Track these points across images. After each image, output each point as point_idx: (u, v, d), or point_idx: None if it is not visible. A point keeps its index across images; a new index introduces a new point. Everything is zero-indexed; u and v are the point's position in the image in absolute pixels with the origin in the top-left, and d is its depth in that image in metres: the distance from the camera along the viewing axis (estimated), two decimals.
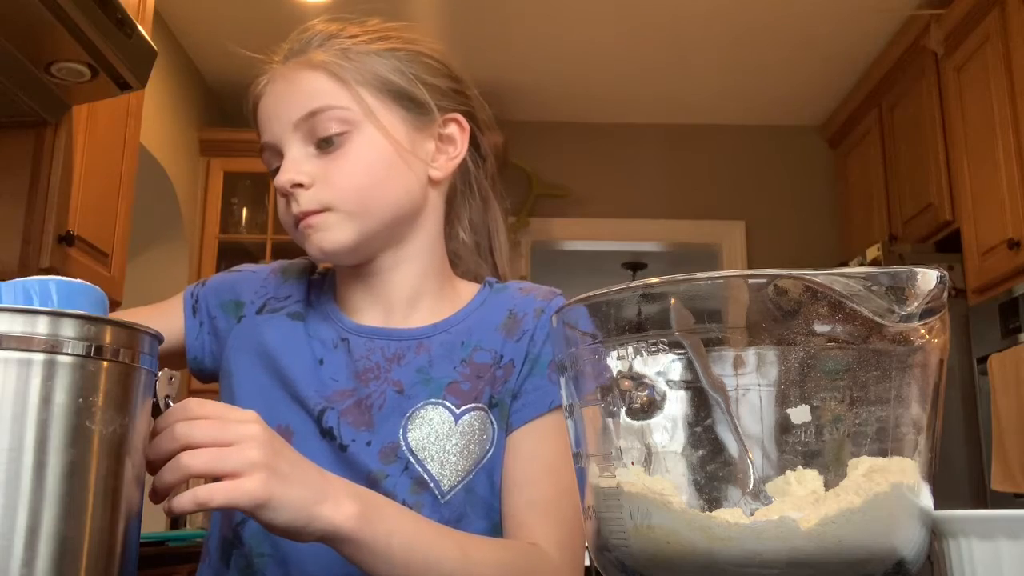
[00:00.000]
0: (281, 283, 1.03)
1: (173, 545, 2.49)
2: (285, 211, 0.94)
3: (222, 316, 1.01)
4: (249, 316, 1.00)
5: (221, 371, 1.00)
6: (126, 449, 0.60)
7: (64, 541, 0.56)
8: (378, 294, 0.99)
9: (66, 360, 0.57)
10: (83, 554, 0.57)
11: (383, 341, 0.96)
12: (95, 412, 0.58)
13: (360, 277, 0.99)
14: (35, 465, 0.56)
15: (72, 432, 0.57)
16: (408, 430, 0.92)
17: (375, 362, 0.95)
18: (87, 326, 0.58)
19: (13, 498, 0.55)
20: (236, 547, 0.92)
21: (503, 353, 0.95)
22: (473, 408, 0.93)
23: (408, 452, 0.91)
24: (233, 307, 1.02)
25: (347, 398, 0.93)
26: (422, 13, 3.38)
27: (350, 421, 0.92)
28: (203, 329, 1.01)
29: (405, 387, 0.94)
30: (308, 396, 0.93)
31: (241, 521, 0.92)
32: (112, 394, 0.59)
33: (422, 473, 0.90)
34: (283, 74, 0.95)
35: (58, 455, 0.56)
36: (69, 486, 0.56)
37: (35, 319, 0.57)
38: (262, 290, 1.02)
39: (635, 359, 0.54)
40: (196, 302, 1.02)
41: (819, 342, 0.51)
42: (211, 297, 1.03)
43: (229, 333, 1.00)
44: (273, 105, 0.94)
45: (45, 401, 0.56)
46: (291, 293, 1.01)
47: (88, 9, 1.89)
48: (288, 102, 0.93)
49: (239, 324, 1.00)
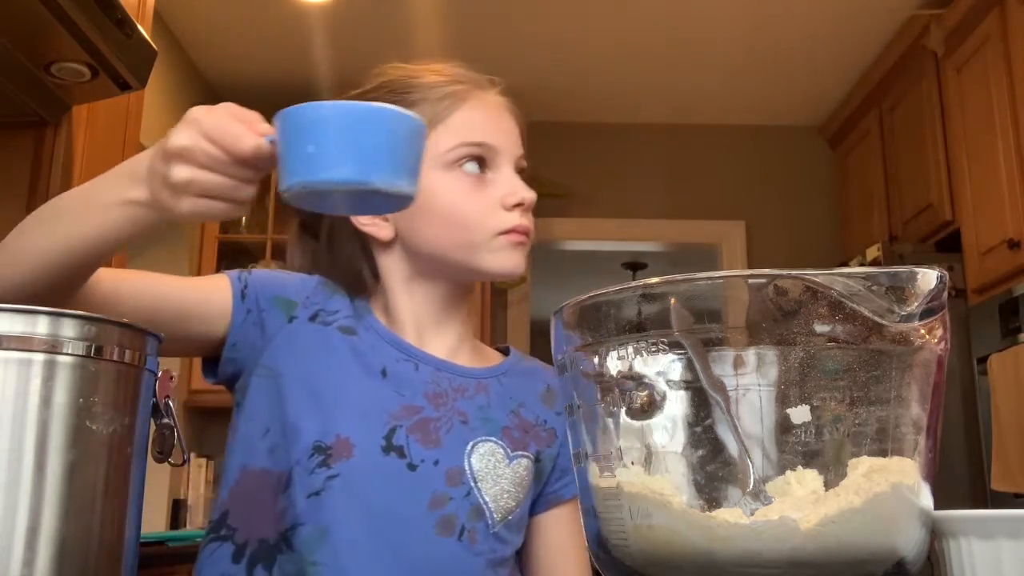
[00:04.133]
0: (329, 296, 1.01)
1: (173, 545, 2.49)
2: (506, 219, 0.97)
3: (272, 311, 0.97)
4: (302, 320, 0.98)
5: (259, 367, 0.96)
6: (126, 449, 0.60)
7: (64, 541, 0.56)
8: (447, 328, 1.03)
9: (66, 360, 0.57)
10: (83, 554, 0.57)
11: (448, 373, 1.00)
12: (95, 412, 0.58)
13: (443, 306, 1.02)
14: (35, 465, 0.55)
15: (72, 432, 0.57)
16: (472, 458, 0.96)
17: (444, 389, 0.98)
18: (87, 326, 0.58)
19: (13, 498, 0.55)
20: (282, 552, 0.91)
21: (546, 419, 1.04)
22: (523, 455, 0.99)
23: (471, 479, 0.95)
24: (285, 305, 0.98)
25: (413, 415, 0.95)
26: (422, 13, 3.38)
27: (418, 439, 0.94)
28: (249, 318, 0.96)
29: (469, 419, 0.98)
30: (371, 411, 0.94)
31: (292, 527, 0.90)
32: (112, 394, 0.59)
33: (480, 502, 0.95)
34: (507, 106, 1.05)
35: (58, 455, 0.56)
36: (69, 486, 0.56)
37: (35, 319, 0.57)
38: (312, 299, 1.00)
39: (635, 359, 0.54)
40: (245, 288, 0.97)
41: (819, 342, 0.51)
42: (261, 288, 0.98)
43: (278, 331, 0.96)
44: (507, 123, 1.03)
45: (45, 401, 0.56)
46: (340, 308, 1.00)
47: (88, 9, 1.89)
48: (515, 132, 1.04)
49: (290, 324, 0.97)
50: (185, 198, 0.72)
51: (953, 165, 3.11)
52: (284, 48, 3.65)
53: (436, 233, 0.98)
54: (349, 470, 0.90)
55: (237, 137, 0.71)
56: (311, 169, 0.66)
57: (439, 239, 0.98)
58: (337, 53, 3.68)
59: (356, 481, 0.90)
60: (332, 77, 3.84)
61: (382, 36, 3.58)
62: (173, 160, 0.71)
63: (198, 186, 0.71)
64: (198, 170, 0.71)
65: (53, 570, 0.55)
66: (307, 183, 0.66)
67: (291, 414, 0.93)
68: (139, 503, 0.63)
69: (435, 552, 0.92)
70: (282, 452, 0.93)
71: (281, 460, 0.92)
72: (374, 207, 0.75)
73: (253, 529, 0.93)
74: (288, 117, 0.68)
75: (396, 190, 0.68)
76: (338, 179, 0.66)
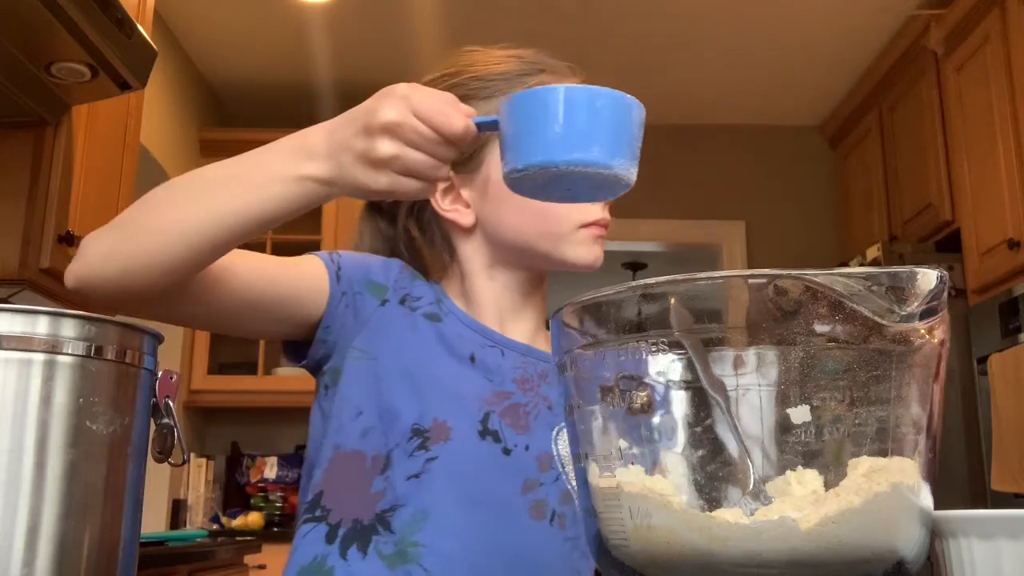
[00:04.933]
0: (412, 281, 1.00)
1: (173, 545, 2.49)
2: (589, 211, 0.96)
3: (367, 295, 0.96)
4: (393, 304, 0.97)
5: (352, 350, 0.95)
6: (126, 449, 0.60)
7: (64, 541, 0.56)
8: (526, 314, 1.02)
9: (66, 360, 0.57)
10: (83, 554, 0.57)
11: (532, 359, 0.99)
12: (95, 412, 0.58)
13: (523, 292, 1.02)
14: (35, 465, 0.56)
15: (72, 432, 0.57)
16: (558, 443, 0.96)
17: (530, 375, 0.98)
18: (87, 326, 0.58)
19: (13, 498, 0.55)
20: (378, 533, 0.91)
21: None
22: None
23: (560, 464, 0.95)
24: (377, 289, 0.97)
25: (504, 400, 0.96)
26: (420, 13, 3.38)
27: (509, 423, 0.94)
28: (343, 300, 0.94)
29: (553, 405, 0.97)
30: (465, 395, 0.94)
31: (390, 508, 0.91)
32: (112, 394, 0.59)
33: (569, 487, 0.94)
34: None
35: (58, 455, 0.56)
36: (69, 486, 0.56)
37: (35, 319, 0.57)
38: (399, 283, 0.99)
39: (635, 359, 0.54)
40: (339, 270, 0.95)
41: (819, 342, 0.51)
42: (353, 271, 0.96)
43: (372, 315, 0.95)
44: None
45: (45, 401, 0.56)
46: (423, 294, 1.00)
47: (88, 9, 1.89)
48: None
49: (383, 308, 0.96)
50: (384, 174, 0.72)
51: (953, 165, 3.11)
52: (284, 48, 3.65)
53: (520, 221, 0.97)
54: (447, 453, 0.91)
55: (448, 116, 0.71)
56: (555, 150, 0.67)
57: (522, 228, 0.98)
58: (337, 53, 3.68)
59: (454, 464, 0.91)
60: (332, 77, 3.85)
61: (382, 36, 3.58)
62: (379, 135, 0.71)
63: (401, 163, 0.72)
64: (405, 146, 0.71)
65: (53, 570, 0.55)
66: (547, 163, 0.67)
67: (388, 397, 0.93)
68: (139, 503, 0.63)
69: (530, 535, 0.92)
70: (377, 435, 0.92)
71: (376, 442, 0.92)
72: (595, 193, 0.75)
73: (347, 510, 0.92)
74: (529, 98, 0.69)
75: (627, 177, 0.70)
76: (585, 161, 0.67)
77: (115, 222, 0.82)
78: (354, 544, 0.91)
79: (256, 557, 3.13)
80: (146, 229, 0.80)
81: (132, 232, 0.80)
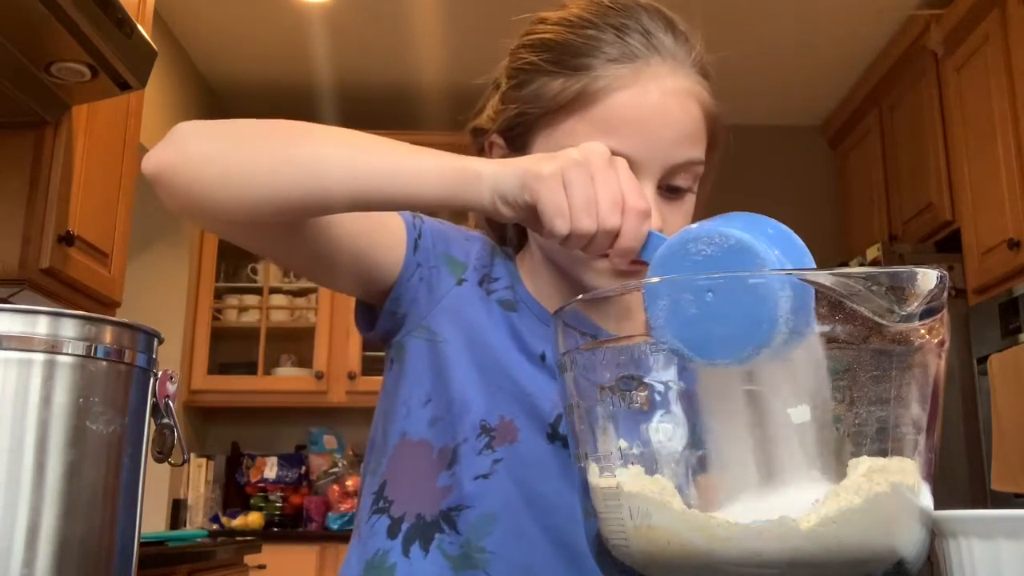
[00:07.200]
0: (491, 259, 0.93)
1: (173, 545, 2.49)
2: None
3: (444, 270, 0.89)
4: (471, 284, 0.90)
5: (419, 328, 0.89)
6: (126, 449, 0.60)
7: (64, 541, 0.56)
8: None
9: (66, 360, 0.57)
10: (83, 554, 0.57)
11: None
12: (95, 412, 0.58)
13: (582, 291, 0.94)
14: (35, 465, 0.56)
15: (72, 432, 0.57)
16: None
17: None
18: (87, 326, 0.58)
19: (13, 498, 0.55)
20: (442, 531, 0.86)
21: None
22: None
23: None
24: (456, 265, 0.90)
25: None
26: (420, 13, 3.38)
27: None
28: (418, 273, 0.87)
29: None
30: (536, 395, 0.87)
31: (456, 507, 0.86)
32: (112, 394, 0.59)
33: None
34: (673, 89, 0.86)
35: (58, 455, 0.56)
36: (69, 486, 0.56)
37: (35, 319, 0.57)
38: (480, 261, 0.92)
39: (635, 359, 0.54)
40: (419, 238, 0.88)
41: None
42: (434, 242, 0.89)
43: (447, 293, 0.89)
44: (666, 124, 0.85)
45: (45, 401, 0.56)
46: (501, 276, 0.92)
47: (88, 9, 1.89)
48: (670, 138, 0.85)
49: (459, 287, 0.89)
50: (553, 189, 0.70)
51: (953, 165, 3.11)
52: (284, 48, 3.65)
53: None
54: (512, 455, 0.86)
55: (640, 192, 0.72)
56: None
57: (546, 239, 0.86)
58: (337, 53, 3.68)
59: (520, 467, 0.86)
60: (332, 77, 3.85)
61: (382, 36, 3.58)
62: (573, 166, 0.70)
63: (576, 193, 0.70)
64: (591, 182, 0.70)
65: (53, 570, 0.55)
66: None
67: (458, 386, 0.87)
68: (139, 503, 0.63)
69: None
70: (445, 425, 0.87)
71: (444, 434, 0.87)
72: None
73: (410, 503, 0.88)
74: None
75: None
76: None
77: (225, 129, 0.75)
78: (416, 541, 0.86)
79: (256, 557, 3.13)
80: (272, 151, 0.73)
81: (253, 149, 0.74)
